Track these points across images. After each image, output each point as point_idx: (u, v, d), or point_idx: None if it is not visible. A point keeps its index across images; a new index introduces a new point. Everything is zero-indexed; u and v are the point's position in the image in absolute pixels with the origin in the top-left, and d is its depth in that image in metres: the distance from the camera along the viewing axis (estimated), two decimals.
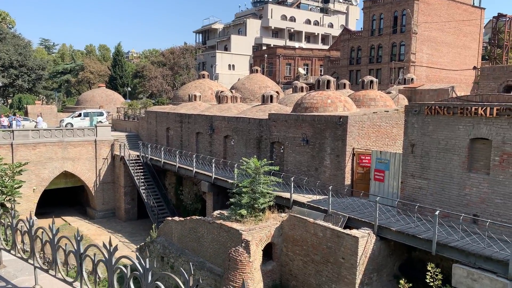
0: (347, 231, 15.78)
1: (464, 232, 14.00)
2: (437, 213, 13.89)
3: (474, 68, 42.37)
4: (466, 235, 13.89)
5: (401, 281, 13.39)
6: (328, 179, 21.03)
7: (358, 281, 15.22)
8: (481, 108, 14.46)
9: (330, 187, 18.11)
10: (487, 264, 12.70)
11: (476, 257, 12.92)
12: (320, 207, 18.40)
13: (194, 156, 28.20)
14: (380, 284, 16.02)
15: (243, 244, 16.77)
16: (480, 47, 51.73)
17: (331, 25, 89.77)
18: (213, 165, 25.59)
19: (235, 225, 17.77)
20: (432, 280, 12.16)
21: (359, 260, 15.16)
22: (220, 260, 18.49)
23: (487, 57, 41.94)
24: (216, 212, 20.24)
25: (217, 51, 77.35)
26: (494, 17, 39.44)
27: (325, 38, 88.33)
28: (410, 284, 13.34)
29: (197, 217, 20.79)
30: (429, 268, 12.26)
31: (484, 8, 51.89)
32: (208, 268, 18.98)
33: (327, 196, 18.07)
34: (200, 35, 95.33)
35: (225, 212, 19.65)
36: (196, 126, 31.84)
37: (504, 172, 14.01)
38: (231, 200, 18.72)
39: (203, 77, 46.49)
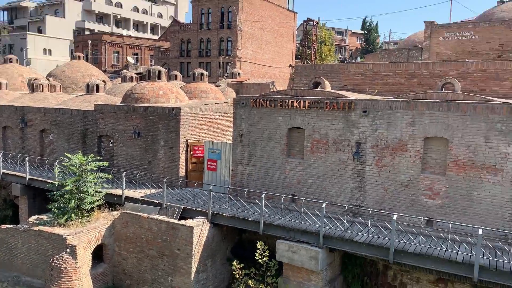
0: (182, 222, 15.93)
1: (285, 211, 15.76)
2: (263, 196, 15.23)
3: (290, 65, 47.69)
4: (287, 213, 15.66)
5: (234, 263, 14.25)
6: (162, 171, 20.77)
7: (193, 269, 15.57)
8: (296, 101, 16.41)
9: (164, 180, 17.93)
10: (304, 236, 14.60)
11: (295, 231, 14.72)
12: (155, 201, 18.07)
13: (0, 154, 24.05)
14: (214, 269, 16.74)
15: (68, 250, 15.21)
16: (294, 47, 58.56)
17: (160, 15, 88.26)
18: (27, 164, 22.33)
19: (57, 230, 15.96)
20: (260, 257, 13.32)
21: (194, 249, 15.50)
22: (40, 271, 16.38)
23: (299, 56, 47.84)
24: (32, 218, 17.82)
25: (28, 32, 67.36)
26: (304, 21, 45.15)
27: (154, 28, 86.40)
28: (242, 264, 14.33)
29: (8, 226, 17.90)
30: (258, 247, 13.37)
31: (296, 13, 58.84)
32: (24, 282, 16.61)
33: (162, 189, 17.84)
34: (5, 12, 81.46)
35: (44, 217, 17.47)
36: (3, 119, 27.21)
37: (314, 156, 16.26)
38: (52, 203, 16.73)
39: (10, 62, 40.05)
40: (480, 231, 11.85)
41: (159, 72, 24.10)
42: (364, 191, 15.40)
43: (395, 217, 13.10)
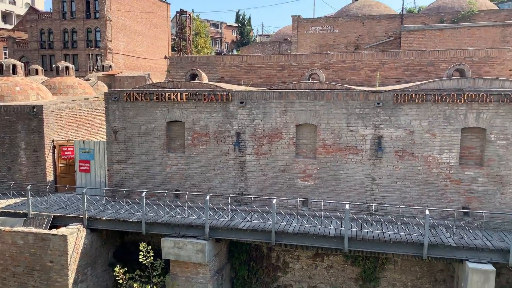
0: (54, 231, 14.40)
1: (169, 207, 15.38)
2: (143, 194, 14.60)
3: (165, 57, 46.47)
4: (171, 209, 15.30)
5: (116, 268, 13.43)
6: (26, 178, 18.43)
7: (71, 281, 14.25)
8: (174, 94, 16.03)
9: (28, 187, 15.93)
10: (189, 231, 14.45)
11: (180, 227, 14.48)
12: (18, 211, 15.96)
13: None
14: (95, 277, 15.57)
15: None
16: (169, 38, 57.17)
17: (13, 2, 77.60)
18: None
19: None
20: (144, 258, 12.79)
21: (70, 258, 14.17)
22: None
23: (175, 48, 46.90)
24: None
25: None
26: (177, 12, 44.31)
27: (7, 16, 75.70)
28: (125, 269, 13.58)
29: None
30: (141, 248, 12.81)
31: (169, 3, 57.49)
32: None
33: (26, 198, 15.83)
34: None
35: None
36: None
37: (196, 149, 16.15)
38: None
39: None
40: (347, 206, 13.19)
41: (14, 66, 21.21)
42: (246, 180, 15.85)
43: (274, 201, 13.80)
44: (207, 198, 14.23)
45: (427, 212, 12.65)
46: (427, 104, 14.24)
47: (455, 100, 13.99)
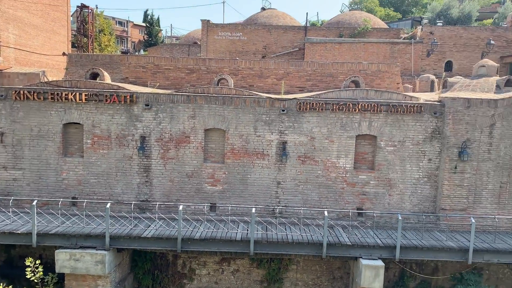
0: None
1: (64, 216, 14.15)
2: (34, 203, 13.24)
3: (64, 54, 43.08)
4: (66, 219, 14.09)
5: (0, 285, 11.94)
6: None
7: None
8: (71, 94, 14.86)
9: None
10: (88, 241, 13.45)
11: (77, 237, 13.41)
12: None
13: None
14: None
15: None
16: (69, 34, 52.96)
17: None
18: None
19: None
20: (33, 274, 11.56)
21: None
22: None
23: (76, 45, 43.70)
24: None
25: None
26: (78, 7, 41.38)
27: None
28: (11, 286, 12.15)
29: None
30: (27, 263, 11.55)
31: None
32: None
33: None
34: None
35: None
36: None
37: (96, 154, 15.14)
38: None
39: None
40: (253, 210, 13.45)
41: None
42: (151, 186, 15.29)
43: (181, 207, 13.51)
44: (108, 206, 13.40)
45: (326, 213, 13.46)
46: (327, 113, 15.20)
47: (351, 109, 15.15)
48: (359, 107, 15.15)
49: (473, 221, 13.52)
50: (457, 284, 15.10)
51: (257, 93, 16.30)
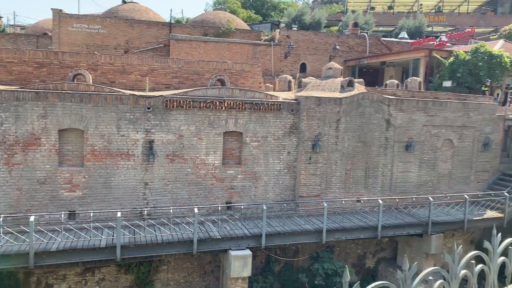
0: None
1: None
2: None
3: None
4: None
5: None
6: None
7: None
8: None
9: None
10: None
11: None
12: None
13: None
14: None
15: None
16: None
17: None
18: None
19: None
20: None
21: None
22: None
23: None
24: None
25: None
26: None
27: None
28: None
29: None
30: None
31: None
32: None
33: None
34: None
35: None
36: None
37: None
38: None
39: None
40: (118, 214, 12.75)
41: None
42: None
43: (32, 218, 12.02)
44: None
45: (195, 210, 13.54)
46: (194, 110, 15.28)
47: (218, 107, 15.51)
48: (226, 105, 15.60)
49: (325, 205, 15.20)
50: (314, 262, 16.79)
51: (119, 90, 15.46)
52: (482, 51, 24.39)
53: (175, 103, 14.98)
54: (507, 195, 18.04)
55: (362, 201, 17.43)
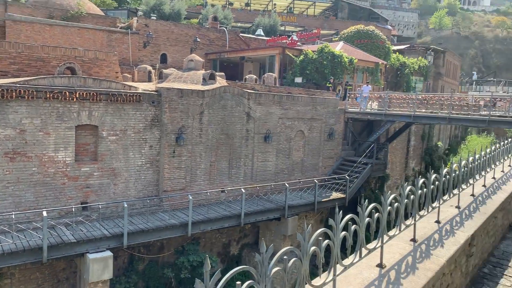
0: None
1: None
2: None
3: None
4: None
5: None
6: None
7: None
8: None
9: None
10: None
11: None
12: None
13: None
14: None
15: None
16: None
17: None
18: None
19: None
20: None
21: None
22: None
23: None
24: None
25: None
26: None
27: None
28: None
29: None
30: None
31: None
32: None
33: None
34: None
35: None
36: None
37: None
38: None
39: None
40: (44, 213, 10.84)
41: None
42: None
43: None
44: None
45: (44, 214, 12.09)
46: (39, 101, 13.56)
47: (68, 98, 14.06)
48: (77, 96, 14.24)
49: (191, 197, 15.20)
50: (180, 256, 16.71)
51: None
52: (326, 51, 27.38)
53: (14, 93, 13.05)
54: (348, 177, 20.75)
55: (226, 191, 17.96)
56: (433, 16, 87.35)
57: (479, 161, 6.62)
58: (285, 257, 2.65)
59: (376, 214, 3.73)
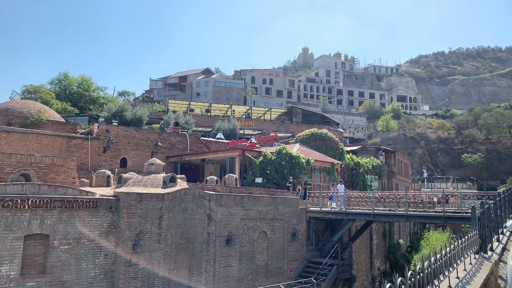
0: None
1: None
2: None
3: None
4: None
5: None
6: None
7: None
8: None
9: None
10: None
11: None
12: None
13: None
14: None
15: None
16: None
17: None
18: None
19: None
20: None
21: None
22: None
23: None
24: None
25: None
26: None
27: None
28: None
29: None
30: None
31: None
32: None
33: None
34: None
35: None
36: None
37: None
38: None
39: None
40: None
41: None
42: None
43: None
44: None
45: None
46: None
47: (19, 206, 13.36)
48: (29, 204, 13.56)
49: None
50: None
51: None
52: (284, 152, 28.51)
53: None
54: (314, 281, 20.09)
55: None
56: (380, 120, 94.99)
57: (441, 260, 6.71)
58: None
59: None
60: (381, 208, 22.26)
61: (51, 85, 53.70)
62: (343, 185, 27.06)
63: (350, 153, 39.30)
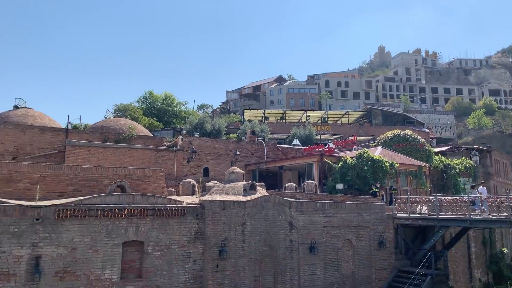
0: None
1: None
2: None
3: None
4: None
5: None
6: None
7: None
8: None
9: None
10: None
11: None
12: None
13: None
14: None
15: None
16: None
17: None
18: None
19: None
20: None
21: None
22: None
23: None
24: None
25: None
26: None
27: None
28: None
29: None
30: None
31: None
32: None
33: None
34: None
35: None
36: None
37: None
38: None
39: None
40: None
41: None
42: None
43: None
44: None
45: None
46: (90, 220, 14.10)
47: (117, 215, 14.56)
48: (126, 212, 14.73)
49: None
50: None
51: (4, 200, 13.76)
52: (365, 156, 27.56)
53: (68, 213, 13.71)
54: None
55: None
56: (471, 117, 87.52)
57: None
58: None
59: None
60: (478, 212, 20.42)
61: (138, 102, 58.21)
62: (485, 187, 24.28)
63: (439, 155, 36.77)
